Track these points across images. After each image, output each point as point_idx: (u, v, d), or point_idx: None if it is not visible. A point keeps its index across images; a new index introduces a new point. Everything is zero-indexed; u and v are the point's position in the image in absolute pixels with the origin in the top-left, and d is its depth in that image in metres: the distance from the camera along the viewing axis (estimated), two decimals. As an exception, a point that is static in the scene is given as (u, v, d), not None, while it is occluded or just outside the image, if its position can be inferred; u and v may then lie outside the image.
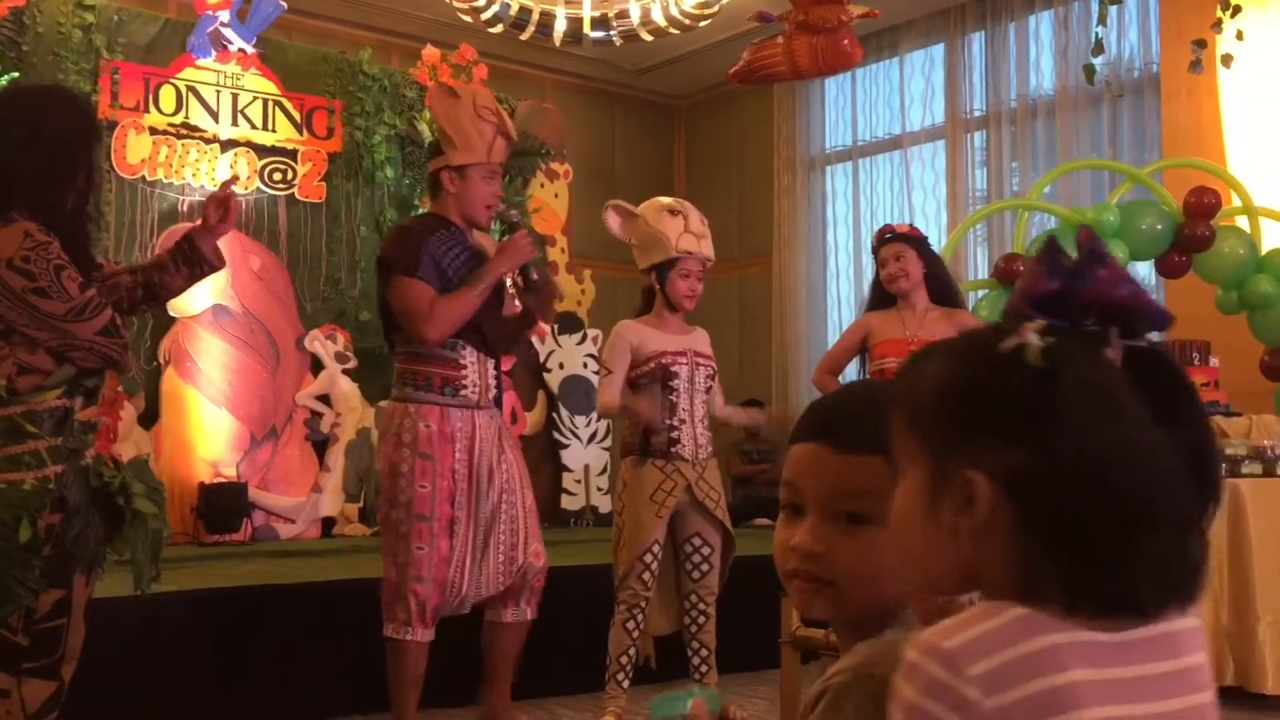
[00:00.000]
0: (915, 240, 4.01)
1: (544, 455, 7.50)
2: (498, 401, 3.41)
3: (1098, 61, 5.58)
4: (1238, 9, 5.43)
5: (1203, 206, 4.95)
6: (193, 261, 2.52)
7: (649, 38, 6.48)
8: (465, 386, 3.26)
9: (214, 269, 2.60)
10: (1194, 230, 4.95)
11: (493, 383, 3.35)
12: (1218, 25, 5.51)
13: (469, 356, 3.26)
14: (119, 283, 2.48)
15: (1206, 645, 0.90)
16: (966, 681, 0.78)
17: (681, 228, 3.73)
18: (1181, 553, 0.84)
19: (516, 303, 3.62)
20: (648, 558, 3.69)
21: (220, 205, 2.55)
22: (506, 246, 3.29)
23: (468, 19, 6.24)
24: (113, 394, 2.43)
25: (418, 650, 3.19)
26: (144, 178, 6.42)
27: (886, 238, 4.00)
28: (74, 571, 2.31)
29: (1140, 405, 0.85)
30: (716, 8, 6.04)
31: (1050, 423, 0.82)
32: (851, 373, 4.18)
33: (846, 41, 4.62)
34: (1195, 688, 0.86)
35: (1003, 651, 0.80)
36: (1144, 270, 6.51)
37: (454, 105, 3.26)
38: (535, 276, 3.38)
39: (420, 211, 7.16)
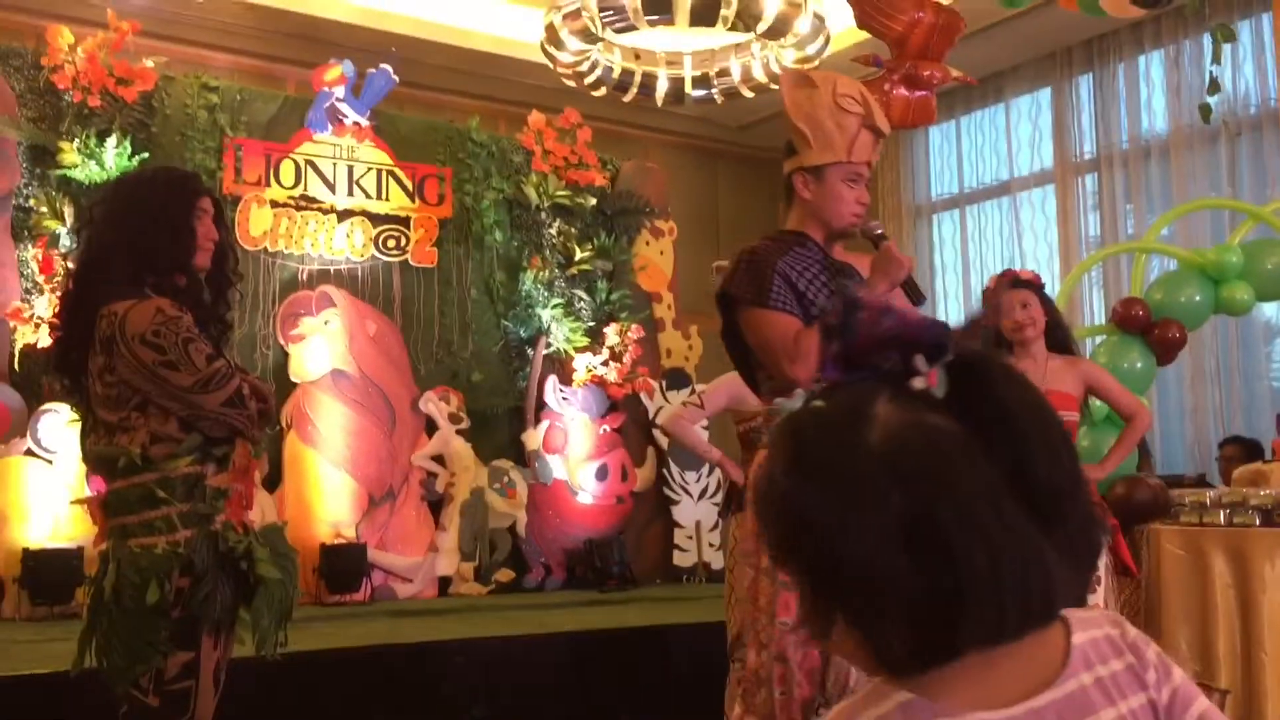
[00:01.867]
0: (1038, 287, 3.92)
1: (655, 511, 7.50)
2: None
3: (1213, 100, 5.45)
4: (1360, 39, 5.26)
5: (1331, 244, 4.77)
6: None
7: (750, 94, 6.54)
8: None
9: None
10: (1323, 269, 4.77)
11: None
12: (1339, 57, 5.34)
13: None
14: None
15: (1153, 683, 0.86)
16: None
17: None
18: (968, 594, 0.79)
19: None
20: (762, 616, 3.63)
21: None
22: (883, 262, 2.76)
23: (572, 83, 6.38)
24: (245, 461, 2.49)
25: None
26: (266, 249, 6.67)
27: (1010, 284, 3.89)
28: (202, 634, 2.36)
29: (944, 434, 0.82)
30: (817, 62, 6.07)
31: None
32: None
33: (933, 102, 4.65)
34: None
35: None
36: (1271, 310, 6.29)
37: (809, 96, 2.80)
38: (919, 291, 2.85)
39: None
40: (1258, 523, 4.21)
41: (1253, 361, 6.78)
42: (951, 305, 8.37)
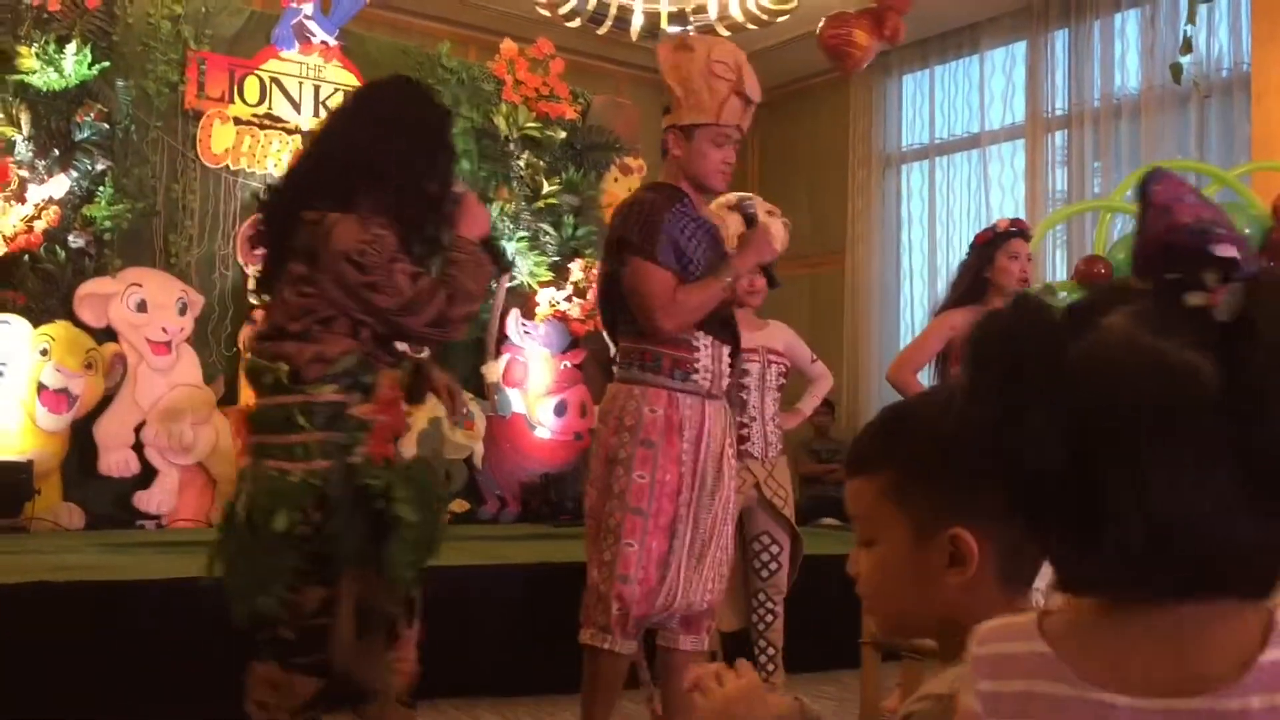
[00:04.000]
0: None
1: (612, 449, 7.53)
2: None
3: (1185, 61, 5.46)
4: (1335, 8, 5.27)
5: (1293, 211, 4.81)
6: None
7: (726, 33, 6.45)
8: (697, 371, 2.94)
9: None
10: (1283, 235, 4.82)
11: (725, 371, 3.02)
12: (1313, 24, 5.36)
13: (703, 340, 2.96)
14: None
15: None
16: (972, 694, 0.77)
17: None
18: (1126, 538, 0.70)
19: None
20: (716, 554, 3.67)
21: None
22: (753, 242, 3.04)
23: (546, 13, 6.28)
24: (392, 393, 2.36)
25: (614, 661, 2.83)
26: (228, 167, 6.55)
27: (1014, 232, 3.84)
28: (339, 571, 2.21)
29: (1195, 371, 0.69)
30: (795, 4, 6.02)
31: None
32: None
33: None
34: None
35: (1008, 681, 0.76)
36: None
37: (686, 59, 2.92)
38: (776, 276, 3.09)
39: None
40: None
41: (1208, 324, 6.86)
42: (917, 257, 8.39)
